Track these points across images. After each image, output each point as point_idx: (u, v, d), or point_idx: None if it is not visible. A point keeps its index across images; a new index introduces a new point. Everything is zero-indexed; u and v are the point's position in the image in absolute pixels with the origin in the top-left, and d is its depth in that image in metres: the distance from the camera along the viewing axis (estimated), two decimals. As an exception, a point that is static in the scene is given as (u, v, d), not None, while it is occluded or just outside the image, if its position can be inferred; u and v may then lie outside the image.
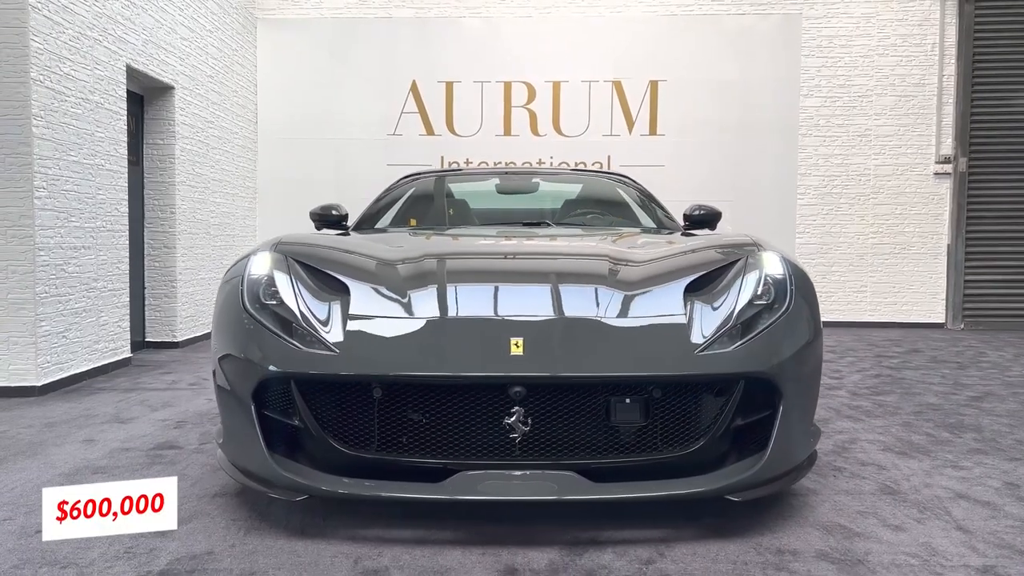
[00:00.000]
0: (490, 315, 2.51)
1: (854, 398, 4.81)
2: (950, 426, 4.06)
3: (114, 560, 2.27)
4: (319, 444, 2.43)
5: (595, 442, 2.38)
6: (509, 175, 4.91)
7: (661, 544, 2.39)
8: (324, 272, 2.76)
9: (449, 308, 2.52)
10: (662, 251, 3.09)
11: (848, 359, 6.56)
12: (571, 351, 2.35)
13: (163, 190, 6.93)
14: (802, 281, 2.77)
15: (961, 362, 6.42)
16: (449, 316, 2.46)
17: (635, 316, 2.52)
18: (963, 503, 2.84)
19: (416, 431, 2.37)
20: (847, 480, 3.10)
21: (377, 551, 2.33)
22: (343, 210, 4.52)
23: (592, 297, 2.60)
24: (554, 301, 2.56)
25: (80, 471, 3.18)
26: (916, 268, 9.13)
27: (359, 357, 2.35)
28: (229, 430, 2.60)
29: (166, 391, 4.95)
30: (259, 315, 2.55)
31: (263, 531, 2.49)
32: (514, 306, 2.60)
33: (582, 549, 2.35)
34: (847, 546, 2.41)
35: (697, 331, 2.48)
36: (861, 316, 9.15)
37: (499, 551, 2.33)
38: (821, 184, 9.10)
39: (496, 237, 3.74)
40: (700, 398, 2.43)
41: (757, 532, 2.51)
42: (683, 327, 2.47)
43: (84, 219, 5.33)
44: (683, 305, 2.58)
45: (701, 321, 2.52)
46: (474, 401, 2.33)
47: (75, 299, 5.22)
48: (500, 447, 2.34)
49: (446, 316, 2.46)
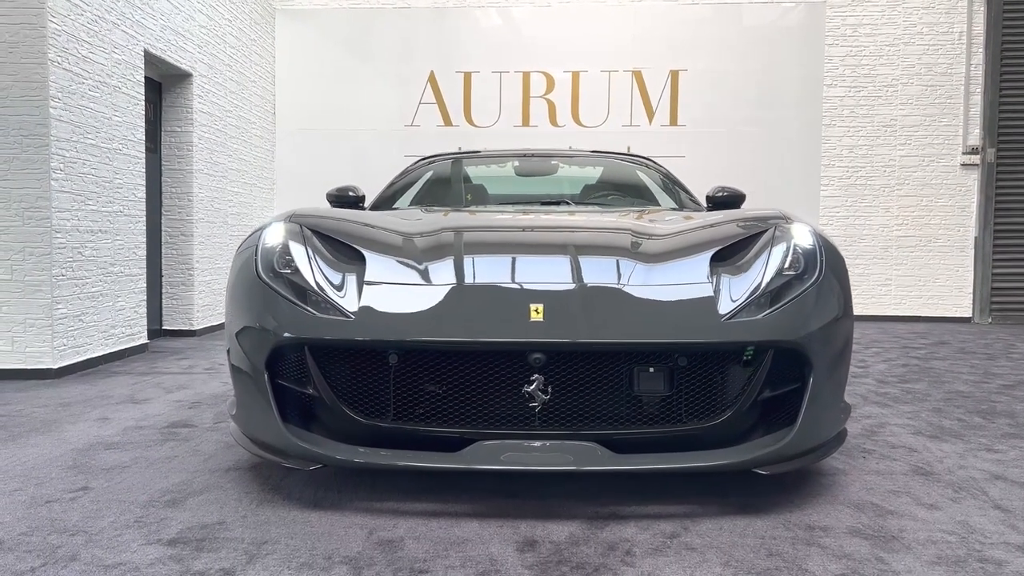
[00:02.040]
0: (509, 282, 2.43)
1: (881, 385, 4.69)
2: (982, 412, 3.94)
3: (123, 529, 2.21)
4: (334, 413, 2.37)
5: (617, 412, 2.30)
6: (528, 158, 4.83)
7: (686, 519, 2.31)
8: (339, 242, 2.70)
9: (467, 276, 2.44)
10: (686, 224, 3.00)
11: (873, 350, 6.43)
12: (593, 317, 2.27)
13: (180, 177, 6.91)
14: (832, 254, 2.67)
15: (991, 353, 6.27)
16: (467, 283, 2.39)
17: (659, 284, 2.43)
18: (1000, 484, 2.73)
19: (433, 400, 2.30)
20: (877, 461, 3.00)
21: (393, 522, 2.26)
22: (360, 191, 4.46)
23: (614, 267, 2.52)
24: (574, 271, 2.49)
25: (93, 447, 3.13)
26: (942, 261, 8.96)
27: (375, 323, 2.28)
28: (242, 401, 2.54)
29: (182, 375, 4.92)
30: (273, 283, 2.49)
31: (276, 503, 2.43)
32: (533, 275, 2.53)
33: (603, 523, 2.27)
34: (880, 523, 2.31)
35: (724, 299, 2.39)
36: (885, 310, 8.99)
37: (517, 523, 2.25)
38: (845, 175, 8.95)
39: (514, 212, 3.67)
40: (727, 368, 2.34)
41: (786, 509, 2.41)
42: (709, 295, 2.38)
43: (101, 203, 5.30)
44: (709, 275, 2.49)
45: (728, 290, 2.43)
46: (492, 368, 2.26)
47: (92, 283, 5.20)
48: (519, 416, 2.26)
49: (464, 283, 2.39)
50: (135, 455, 3.01)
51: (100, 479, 2.69)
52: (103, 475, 2.73)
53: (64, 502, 2.44)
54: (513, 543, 2.11)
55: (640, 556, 2.04)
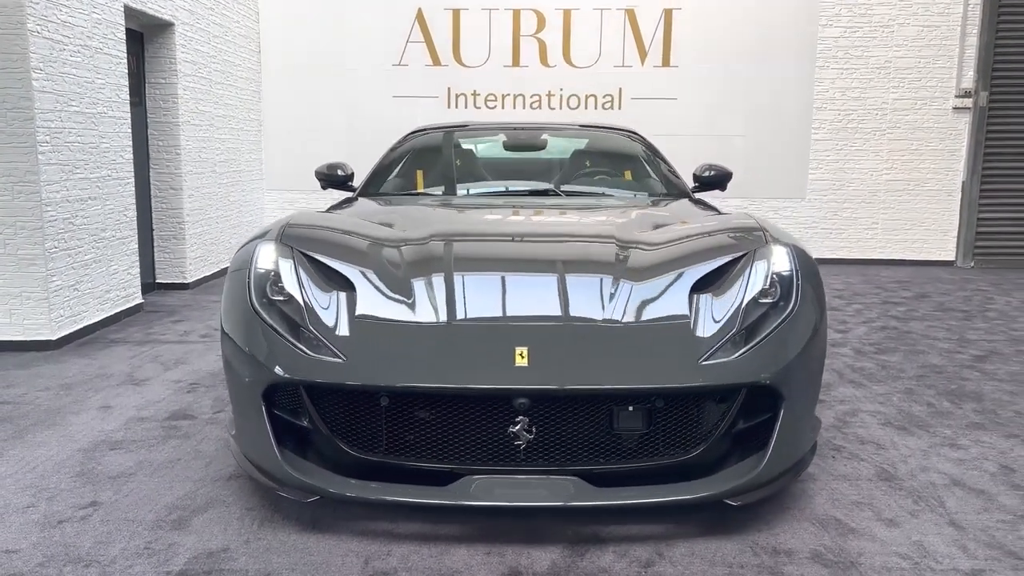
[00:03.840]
0: (495, 316, 2.53)
1: (858, 358, 4.85)
2: (951, 393, 4.11)
3: (134, 558, 2.36)
4: (328, 444, 2.49)
5: (598, 447, 2.43)
6: (517, 131, 4.83)
7: (661, 543, 2.47)
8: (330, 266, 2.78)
9: (456, 305, 2.54)
10: (669, 235, 3.07)
11: (855, 306, 6.58)
12: (575, 362, 2.37)
13: (167, 130, 6.84)
14: (809, 275, 2.77)
15: (968, 310, 6.43)
16: (454, 321, 2.48)
17: (640, 320, 2.53)
18: (958, 492, 2.90)
19: (423, 436, 2.42)
20: (845, 462, 3.17)
21: (386, 549, 2.42)
22: (348, 169, 4.52)
23: (597, 292, 2.62)
24: (560, 296, 2.59)
25: (98, 447, 3.26)
26: (929, 205, 9.03)
27: (366, 367, 2.38)
28: (241, 424, 2.65)
29: (178, 344, 5.03)
30: (266, 314, 2.58)
31: (276, 524, 2.58)
32: (520, 301, 2.63)
33: (584, 548, 2.43)
34: (841, 545, 2.48)
35: (702, 335, 2.49)
36: (871, 253, 9.11)
37: (503, 550, 2.41)
38: (837, 119, 8.90)
39: (502, 211, 3.73)
40: (702, 405, 2.46)
41: (755, 528, 2.58)
42: (688, 332, 2.49)
43: (89, 170, 5.29)
44: (688, 304, 2.59)
45: (705, 323, 2.54)
46: (479, 410, 2.37)
47: (84, 251, 5.24)
48: (505, 453, 2.39)
49: (452, 321, 2.48)
50: (139, 458, 3.14)
51: (108, 491, 2.83)
52: (110, 486, 2.87)
53: (75, 522, 2.59)
54: (500, 575, 2.27)
55: (616, 591, 2.20)
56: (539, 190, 4.05)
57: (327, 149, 8.80)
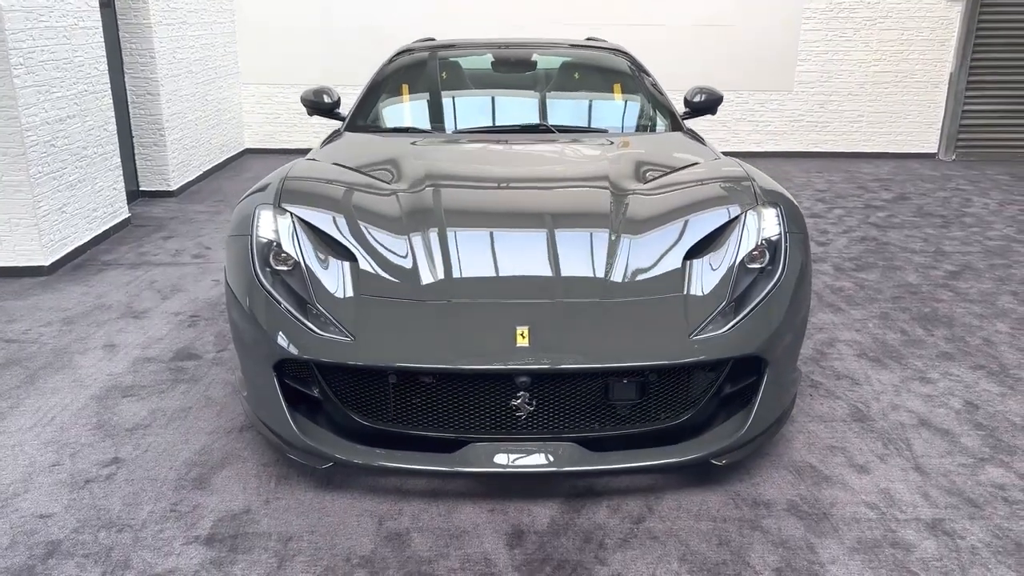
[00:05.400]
0: (495, 297, 2.63)
1: (838, 276, 5.00)
2: (924, 318, 4.30)
3: (163, 521, 2.54)
4: (338, 411, 2.63)
5: (594, 415, 2.59)
6: (505, 51, 4.74)
7: (651, 496, 2.68)
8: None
9: (453, 268, 2.68)
10: (662, 183, 3.19)
11: (837, 211, 6.69)
12: (572, 340, 2.49)
13: (139, 32, 6.60)
14: (796, 231, 2.89)
15: (946, 215, 6.57)
16: (454, 301, 2.58)
17: (635, 280, 2.66)
18: (924, 433, 3.12)
19: (428, 407, 2.56)
20: (822, 401, 3.37)
21: (398, 508, 2.61)
22: (335, 95, 4.49)
23: (592, 250, 2.75)
24: (553, 259, 2.71)
25: (110, 393, 3.39)
26: (915, 97, 8.99)
27: (373, 346, 2.48)
28: (253, 387, 2.77)
29: (172, 267, 5.08)
30: (272, 287, 2.66)
31: (292, 481, 2.76)
32: (517, 261, 2.77)
33: (580, 503, 2.64)
34: (815, 495, 2.70)
35: (694, 308, 2.61)
36: (855, 147, 9.14)
37: (506, 507, 2.61)
38: (828, 7, 8.69)
39: (493, 148, 3.76)
40: (692, 374, 2.61)
41: (737, 477, 2.79)
42: (679, 306, 2.61)
43: (65, 87, 5.16)
44: (681, 275, 2.70)
45: (697, 295, 2.66)
46: (483, 385, 2.51)
47: (68, 172, 5.19)
48: (506, 422, 2.55)
49: (452, 296, 2.59)
50: (152, 407, 3.28)
51: (127, 445, 2.98)
52: (129, 440, 3.02)
53: (101, 482, 2.75)
54: (504, 535, 2.48)
55: (611, 549, 2.42)
56: (530, 125, 4.04)
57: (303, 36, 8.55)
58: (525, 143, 3.85)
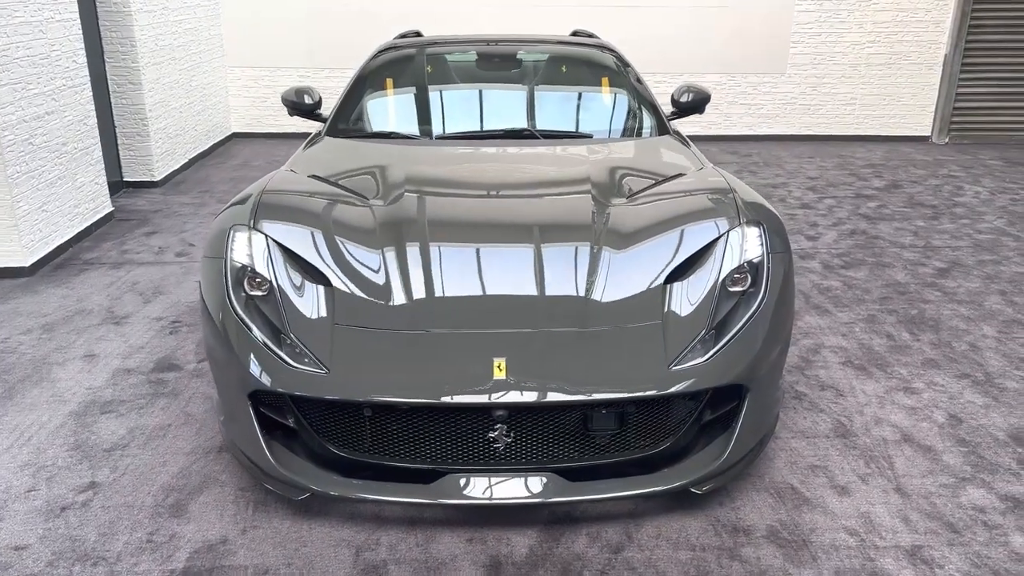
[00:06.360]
0: (471, 319, 2.59)
1: (826, 274, 4.97)
2: (911, 321, 4.27)
3: (138, 553, 2.52)
4: (314, 441, 2.61)
5: (573, 446, 2.56)
6: (489, 49, 4.65)
7: (630, 523, 2.67)
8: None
9: (426, 290, 2.65)
10: (645, 196, 3.17)
11: (828, 201, 6.64)
12: (550, 372, 2.45)
13: (119, 20, 6.47)
14: (779, 249, 2.87)
15: (937, 206, 6.52)
16: (431, 332, 2.54)
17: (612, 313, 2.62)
18: (907, 450, 3.11)
19: (405, 438, 2.53)
20: (805, 414, 3.35)
21: (375, 538, 2.59)
22: (316, 95, 4.41)
23: (572, 269, 2.73)
24: (536, 276, 2.69)
25: (89, 409, 3.36)
26: (909, 79, 8.89)
27: (348, 380, 2.45)
28: (229, 413, 2.73)
29: (154, 266, 5.03)
30: (246, 314, 2.62)
31: (269, 508, 2.73)
32: (496, 280, 2.75)
33: (559, 531, 2.62)
34: (795, 520, 2.69)
35: (673, 335, 2.58)
36: (847, 130, 9.06)
37: (484, 536, 2.59)
38: (822, -12, 8.56)
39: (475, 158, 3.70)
40: (672, 404, 2.58)
41: (718, 501, 2.78)
42: (658, 335, 2.57)
43: (43, 83, 5.06)
44: (661, 300, 2.67)
45: (677, 323, 2.62)
46: (460, 418, 2.48)
47: (48, 169, 5.11)
48: (484, 453, 2.52)
49: (427, 331, 2.54)
50: (131, 424, 3.25)
51: (104, 468, 2.96)
52: (106, 462, 2.99)
53: (77, 509, 2.73)
54: (482, 566, 2.47)
55: (588, 582, 2.41)
56: (513, 130, 3.97)
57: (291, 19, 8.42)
58: (508, 148, 3.79)
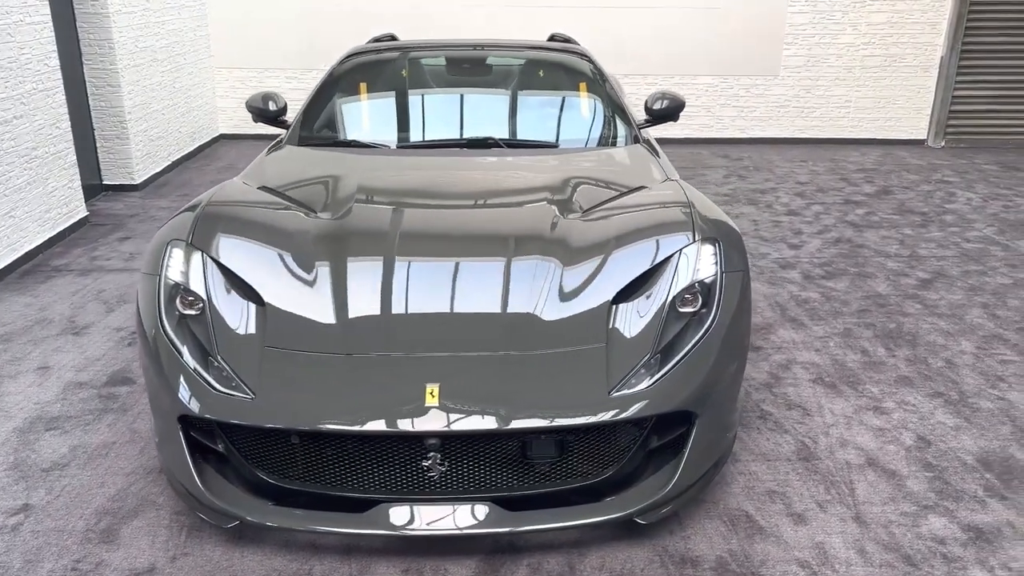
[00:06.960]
0: (405, 350, 2.49)
1: (805, 285, 4.86)
2: (889, 335, 4.16)
3: (62, 582, 2.44)
4: (245, 468, 2.52)
5: (511, 474, 2.47)
6: (460, 55, 4.55)
7: (574, 552, 2.57)
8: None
9: (367, 311, 2.58)
10: (600, 208, 3.10)
11: (815, 207, 6.52)
12: (485, 398, 2.36)
13: (96, 22, 6.40)
14: (734, 268, 2.76)
15: (926, 213, 6.40)
16: (359, 356, 2.46)
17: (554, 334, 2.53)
18: (870, 474, 3.00)
19: (336, 466, 2.44)
20: (768, 435, 3.25)
21: (308, 567, 2.50)
22: (281, 102, 4.34)
23: (517, 285, 2.66)
24: (479, 294, 2.68)
25: (34, 425, 3.29)
26: (905, 82, 8.75)
27: (274, 407, 2.36)
28: (162, 436, 2.65)
29: (123, 273, 4.96)
30: (176, 336, 2.54)
31: (202, 534, 2.65)
32: (436, 299, 2.68)
33: (499, 561, 2.53)
34: (747, 550, 2.59)
35: (616, 360, 2.48)
36: (842, 132, 8.92)
37: (422, 566, 2.50)
38: (816, -11, 8.43)
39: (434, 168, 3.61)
40: (615, 430, 2.48)
41: (667, 529, 2.68)
42: (600, 359, 2.47)
43: (11, 87, 4.99)
44: (605, 321, 2.57)
45: (621, 346, 2.52)
46: (391, 446, 2.38)
47: (16, 175, 5.04)
48: (418, 482, 2.43)
49: (359, 353, 2.47)
50: (74, 442, 3.17)
51: (40, 489, 2.88)
52: (43, 483, 2.92)
53: (6, 534, 2.65)
54: (414, 600, 2.38)
55: (523, 618, 2.32)
56: (477, 139, 3.87)
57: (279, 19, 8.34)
58: (469, 158, 3.70)
